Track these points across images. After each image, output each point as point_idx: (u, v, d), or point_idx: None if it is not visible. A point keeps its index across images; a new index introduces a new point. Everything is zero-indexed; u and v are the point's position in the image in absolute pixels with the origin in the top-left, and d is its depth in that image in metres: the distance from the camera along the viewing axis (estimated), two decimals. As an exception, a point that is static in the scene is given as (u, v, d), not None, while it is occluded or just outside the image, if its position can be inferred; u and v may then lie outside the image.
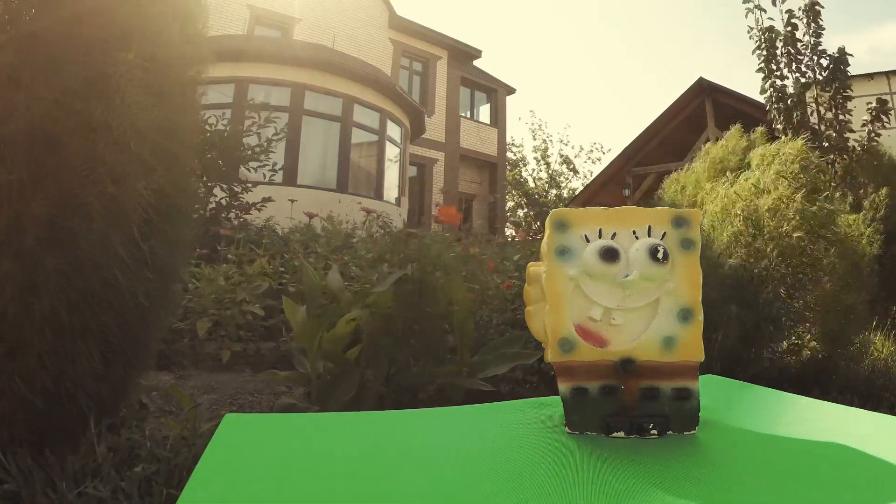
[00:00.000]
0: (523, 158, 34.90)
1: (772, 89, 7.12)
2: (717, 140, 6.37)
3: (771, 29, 7.17)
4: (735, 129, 6.46)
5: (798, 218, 4.19)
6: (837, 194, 6.10)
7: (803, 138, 4.80)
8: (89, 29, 2.23)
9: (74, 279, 2.18)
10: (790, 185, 4.32)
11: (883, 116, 7.06)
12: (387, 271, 3.47)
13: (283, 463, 0.72)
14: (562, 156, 34.72)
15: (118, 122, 2.23)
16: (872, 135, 7.00)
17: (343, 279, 4.35)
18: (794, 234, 4.14)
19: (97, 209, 2.20)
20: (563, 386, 0.81)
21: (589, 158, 43.11)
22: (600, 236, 0.82)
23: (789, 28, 7.11)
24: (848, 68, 7.07)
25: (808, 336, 4.58)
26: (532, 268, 0.90)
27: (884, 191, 6.30)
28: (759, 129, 6.24)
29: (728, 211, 4.42)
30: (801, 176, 4.33)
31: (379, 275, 3.49)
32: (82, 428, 2.35)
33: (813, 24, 7.11)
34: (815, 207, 4.21)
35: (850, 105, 7.00)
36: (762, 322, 4.06)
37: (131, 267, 2.32)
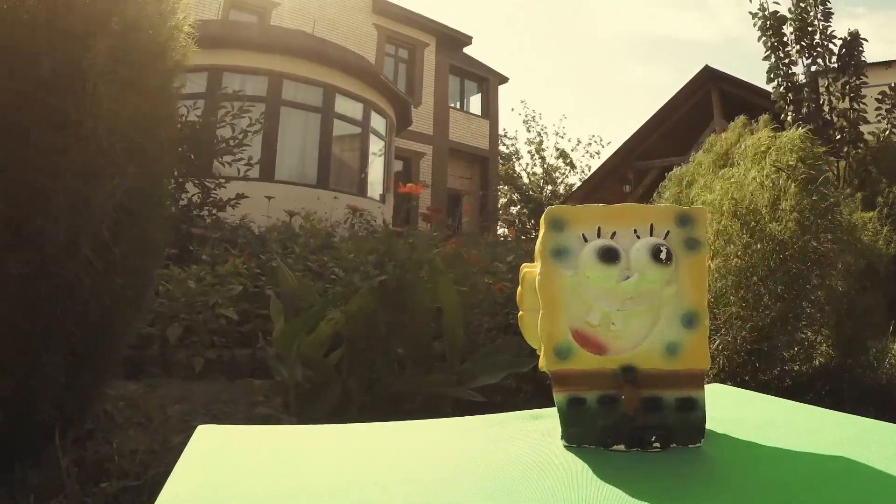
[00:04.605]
0: (517, 152, 34.91)
1: (780, 78, 7.10)
2: (723, 132, 6.37)
3: (777, 14, 7.14)
4: (740, 119, 6.46)
5: (794, 212, 4.18)
6: (847, 189, 6.11)
7: (805, 128, 4.76)
8: (62, 18, 2.22)
9: (38, 283, 2.17)
10: (788, 178, 4.30)
11: None
12: (369, 271, 3.47)
13: (259, 478, 0.72)
14: (557, 149, 34.71)
15: (88, 117, 2.22)
16: (891, 126, 6.99)
17: (323, 281, 4.33)
18: (790, 227, 4.12)
19: (64, 208, 2.19)
20: (560, 396, 0.81)
21: (587, 152, 43.36)
22: (599, 235, 0.81)
23: (799, 11, 7.08)
24: (862, 54, 7.05)
25: (821, 341, 4.59)
26: (526, 269, 0.89)
27: None
28: (764, 117, 6.22)
29: (717, 207, 4.40)
30: (800, 167, 4.30)
31: (361, 275, 3.48)
32: (46, 440, 2.34)
33: (821, 6, 7.08)
34: (815, 197, 4.19)
35: (865, 94, 6.98)
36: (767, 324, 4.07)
37: (100, 272, 2.31)
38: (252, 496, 0.67)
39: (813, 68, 7.14)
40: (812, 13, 7.10)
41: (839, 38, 7.09)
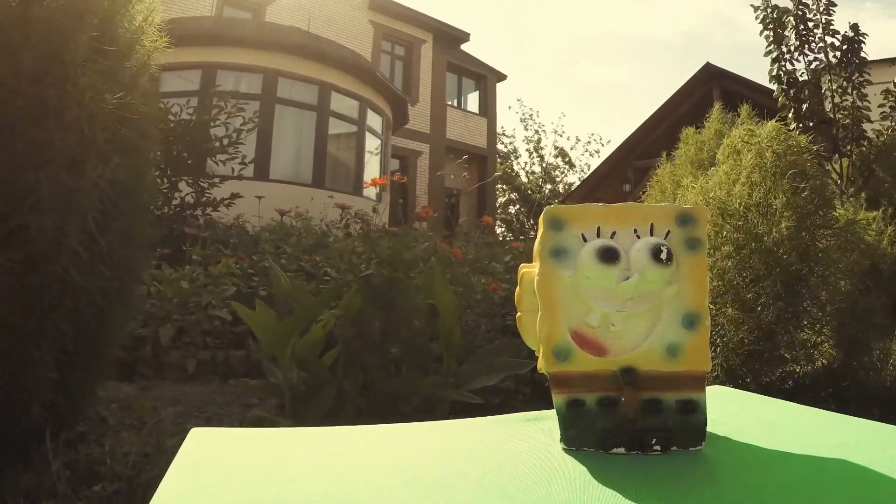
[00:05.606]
0: (515, 150, 34.87)
1: (781, 73, 7.09)
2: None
3: (779, 7, 7.13)
4: (715, 111, 6.44)
5: (787, 210, 4.15)
6: (851, 188, 6.10)
7: (779, 121, 4.71)
8: (45, 11, 2.23)
9: (27, 278, 2.17)
10: (765, 175, 4.26)
11: None
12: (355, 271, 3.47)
13: (253, 482, 0.72)
14: (556, 148, 34.64)
15: (72, 108, 2.22)
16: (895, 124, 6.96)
17: (316, 281, 4.32)
18: (782, 224, 4.10)
19: (50, 200, 2.19)
20: (559, 398, 0.81)
21: (587, 151, 43.25)
22: (599, 235, 0.81)
23: (800, 5, 7.07)
24: (863, 48, 7.04)
25: (823, 342, 4.58)
26: (524, 269, 0.89)
27: None
28: (745, 108, 6.22)
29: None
30: (778, 163, 4.26)
31: (352, 272, 3.48)
32: (37, 442, 2.34)
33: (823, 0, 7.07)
34: (805, 193, 4.16)
35: (868, 92, 6.96)
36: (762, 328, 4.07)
37: (87, 264, 2.31)
38: (246, 500, 0.67)
39: (814, 64, 7.13)
40: (814, 7, 7.09)
41: (839, 37, 7.08)
